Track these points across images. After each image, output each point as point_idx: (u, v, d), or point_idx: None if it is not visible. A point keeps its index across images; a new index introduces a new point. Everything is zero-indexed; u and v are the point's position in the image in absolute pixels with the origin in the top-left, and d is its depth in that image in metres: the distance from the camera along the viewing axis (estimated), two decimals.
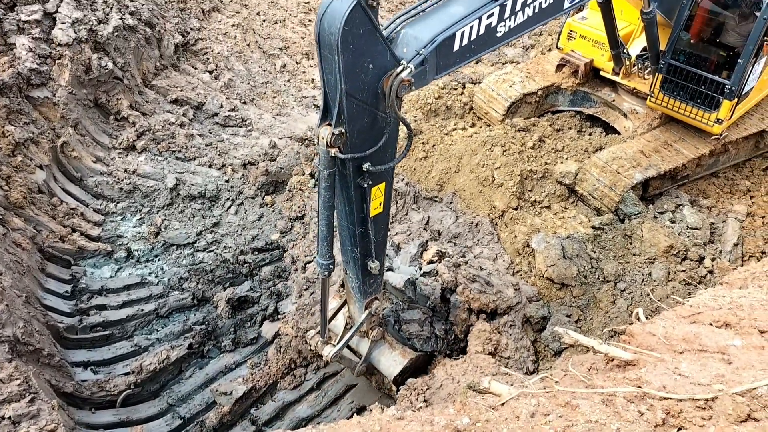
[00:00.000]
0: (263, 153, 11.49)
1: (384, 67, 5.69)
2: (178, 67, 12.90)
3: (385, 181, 6.65)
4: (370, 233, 6.86)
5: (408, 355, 7.79)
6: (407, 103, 12.22)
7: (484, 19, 6.45)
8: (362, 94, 5.72)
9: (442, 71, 6.31)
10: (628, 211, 9.40)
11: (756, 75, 9.35)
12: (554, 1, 7.33)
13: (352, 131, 5.86)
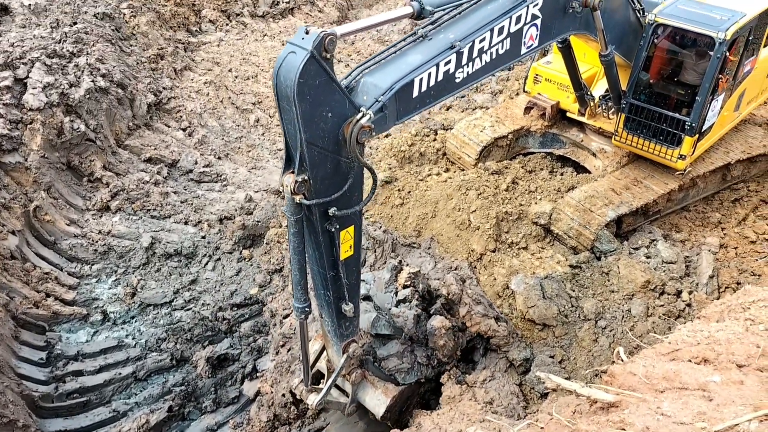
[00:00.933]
0: (239, 207, 11.47)
1: (343, 115, 5.89)
2: (151, 126, 12.95)
3: (354, 224, 6.71)
4: (342, 276, 6.87)
5: (391, 393, 7.71)
6: (381, 151, 12.35)
7: (441, 66, 6.69)
8: (323, 142, 5.88)
9: (402, 117, 6.54)
10: (604, 249, 9.50)
11: (716, 111, 9.64)
12: (511, 48, 7.62)
13: (316, 178, 5.99)
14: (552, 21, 8.26)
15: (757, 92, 10.84)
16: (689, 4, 9.51)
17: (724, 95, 9.59)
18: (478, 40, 7.10)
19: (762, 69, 10.47)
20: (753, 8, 9.23)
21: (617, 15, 9.23)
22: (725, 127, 10.41)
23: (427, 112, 14.82)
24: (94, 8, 13.74)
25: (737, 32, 8.83)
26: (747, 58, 9.73)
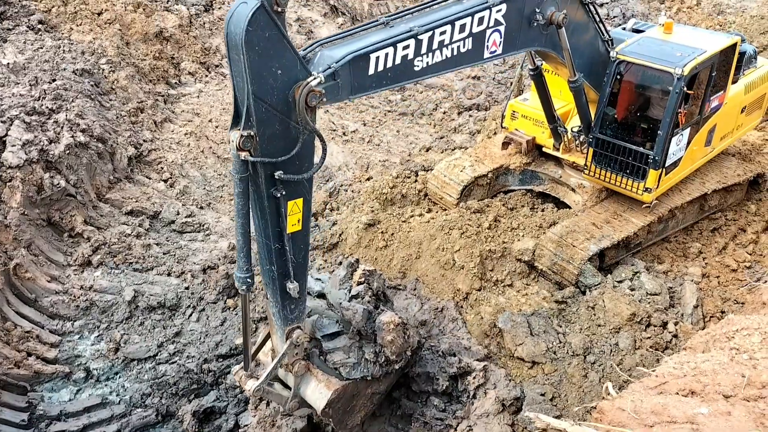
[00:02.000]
0: (223, 256, 11.42)
1: (294, 77, 6.04)
2: (132, 178, 12.95)
3: (303, 197, 6.70)
4: (287, 251, 6.71)
5: (333, 386, 7.48)
6: (363, 194, 12.41)
7: (399, 49, 6.96)
8: (271, 99, 5.96)
9: (357, 92, 6.78)
10: (588, 283, 9.54)
11: (682, 145, 9.87)
12: (473, 50, 7.92)
13: (263, 136, 6.06)
14: (517, 31, 8.49)
15: (732, 127, 11.10)
16: (652, 41, 9.87)
17: (689, 130, 9.82)
18: (439, 32, 7.34)
19: (734, 105, 10.77)
20: (713, 46, 9.58)
21: (585, 42, 9.56)
22: (696, 162, 10.64)
23: (407, 154, 15.00)
24: (73, 65, 13.85)
25: (695, 68, 9.13)
26: (713, 93, 9.99)
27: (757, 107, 11.58)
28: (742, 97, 10.90)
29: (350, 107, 17.34)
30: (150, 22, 16.99)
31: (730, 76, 10.24)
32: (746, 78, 10.99)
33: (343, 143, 15.45)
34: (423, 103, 17.59)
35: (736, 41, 9.96)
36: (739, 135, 11.57)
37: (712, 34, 10.45)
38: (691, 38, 9.88)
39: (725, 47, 9.74)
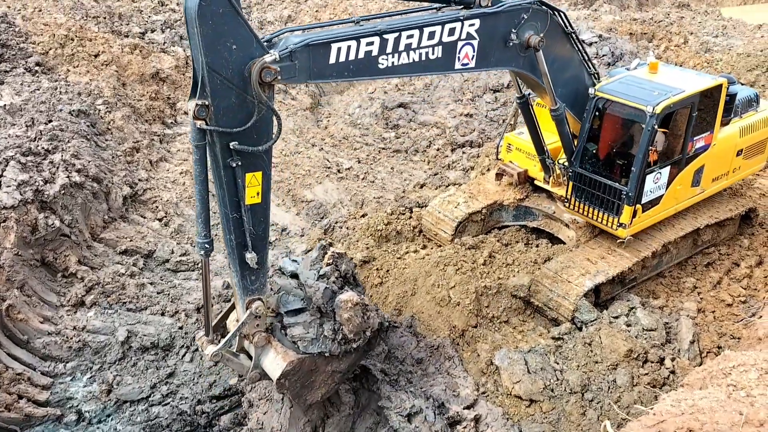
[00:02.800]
0: (217, 294, 11.36)
1: (250, 54, 6.48)
2: (127, 218, 12.94)
3: (262, 170, 7.06)
4: (245, 221, 7.07)
5: (289, 358, 7.73)
6: (358, 231, 12.43)
7: (363, 45, 7.41)
8: (226, 72, 6.40)
9: (316, 77, 7.24)
10: (584, 319, 9.51)
11: (661, 183, 10.01)
12: (443, 58, 8.31)
13: (218, 107, 6.49)
14: (491, 48, 8.81)
15: (726, 170, 11.08)
16: (634, 80, 10.11)
17: (669, 168, 9.97)
18: (406, 35, 7.78)
19: (726, 146, 10.79)
20: (694, 86, 9.78)
21: (570, 72, 9.89)
22: (683, 202, 10.66)
23: (401, 190, 15.08)
24: (69, 106, 13.97)
25: (669, 107, 9.35)
26: (697, 134, 10.10)
27: (758, 151, 11.55)
28: (736, 139, 10.89)
29: (344, 145, 17.49)
30: (146, 63, 17.22)
31: (717, 117, 10.33)
32: (743, 121, 11.02)
33: (337, 180, 15.53)
34: (417, 140, 17.74)
35: (721, 83, 10.10)
36: (737, 179, 11.56)
37: (699, 75, 10.62)
38: (675, 78, 10.08)
39: (707, 88, 9.89)
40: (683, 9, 27.39)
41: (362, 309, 8.18)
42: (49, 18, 17.51)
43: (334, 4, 25.23)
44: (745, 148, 11.16)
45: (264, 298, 7.71)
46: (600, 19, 24.25)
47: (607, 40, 20.03)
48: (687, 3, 28.71)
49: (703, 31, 23.32)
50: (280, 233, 13.54)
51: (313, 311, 8.08)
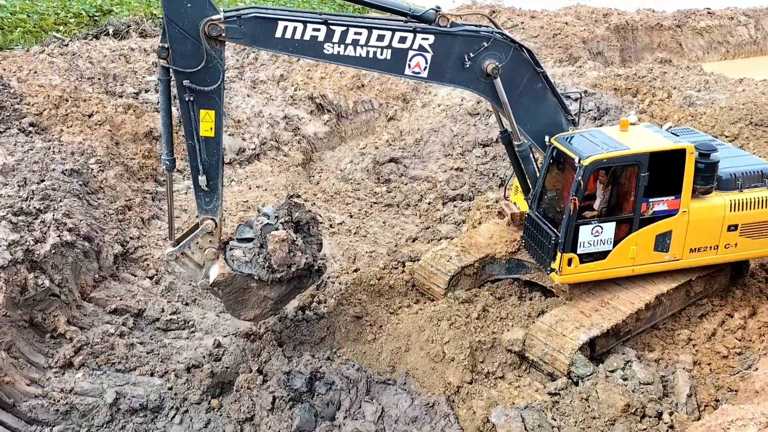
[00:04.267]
0: (208, 354, 11.20)
1: (203, 13, 8.40)
2: (117, 276, 12.85)
3: (214, 109, 8.99)
4: (198, 149, 9.12)
5: (224, 270, 9.84)
6: (351, 286, 12.38)
7: (309, 29, 8.92)
8: (182, 24, 8.37)
9: (260, 44, 8.98)
10: (580, 373, 9.40)
11: (605, 238, 10.11)
12: (392, 61, 9.47)
13: (175, 51, 8.53)
14: (445, 65, 9.70)
15: (712, 243, 10.53)
16: (597, 135, 10.38)
17: (615, 225, 10.05)
18: (353, 31, 9.11)
19: (707, 218, 10.36)
20: (642, 146, 9.90)
21: (542, 111, 10.50)
22: (647, 264, 10.48)
23: (394, 245, 15.10)
24: (62, 165, 14.04)
25: (599, 161, 9.58)
26: (654, 195, 10.04)
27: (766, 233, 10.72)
28: (724, 212, 10.41)
29: (336, 200, 17.59)
30: (140, 122, 17.42)
31: (684, 183, 10.02)
32: (741, 194, 10.46)
33: (329, 235, 15.54)
34: (408, 194, 17.88)
35: (683, 148, 9.89)
36: (739, 257, 10.89)
37: (666, 138, 10.41)
38: (635, 137, 10.23)
39: (658, 150, 9.84)
40: (666, 65, 28.16)
41: (288, 246, 9.86)
42: (44, 79, 17.79)
43: (325, 65, 25.78)
44: (744, 225, 10.50)
45: (216, 219, 9.75)
46: (585, 75, 24.88)
47: (593, 95, 20.49)
48: (669, 59, 29.54)
49: (686, 86, 23.91)
50: None
51: (256, 242, 9.94)
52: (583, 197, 9.77)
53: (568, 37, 32.30)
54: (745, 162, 10.83)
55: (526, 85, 10.14)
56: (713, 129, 15.96)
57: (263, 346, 11.34)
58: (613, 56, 34.86)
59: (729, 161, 10.79)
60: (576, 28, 33.83)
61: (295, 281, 10.32)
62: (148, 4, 34.89)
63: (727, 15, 42.04)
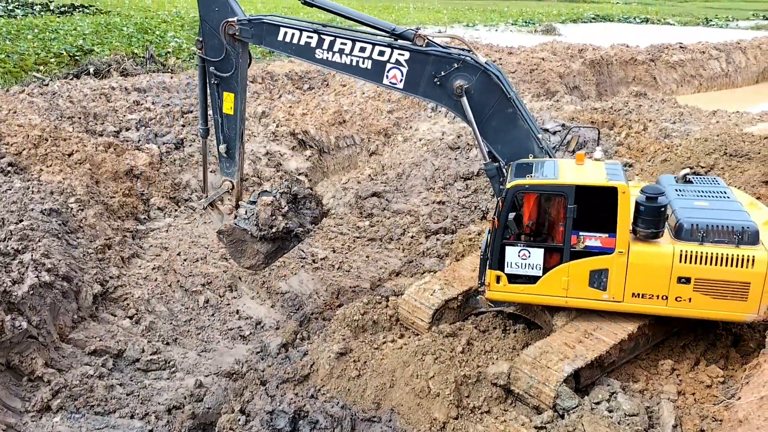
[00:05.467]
0: (189, 394, 11.01)
1: (225, 14, 10.97)
2: (96, 316, 12.66)
3: (233, 92, 11.51)
4: (221, 123, 11.82)
5: (227, 222, 12.39)
6: (335, 322, 12.29)
7: (304, 36, 10.82)
8: (211, 23, 11.11)
9: (267, 45, 11.18)
10: (566, 405, 9.35)
11: (533, 263, 10.17)
12: (372, 72, 10.76)
13: (207, 44, 11.33)
14: (419, 80, 10.73)
15: (659, 293, 9.92)
16: (548, 162, 10.46)
17: (544, 252, 10.13)
18: (340, 41, 10.69)
19: (650, 264, 9.88)
20: (571, 178, 9.89)
21: (512, 135, 10.86)
22: (583, 300, 10.30)
23: (377, 279, 15.07)
24: (41, 205, 13.93)
25: (520, 186, 9.86)
26: (584, 229, 9.92)
27: (732, 295, 9.63)
28: (672, 262, 9.71)
29: (319, 235, 17.58)
30: (121, 161, 17.39)
31: (619, 222, 9.72)
32: (696, 247, 9.63)
33: (313, 271, 15.48)
34: (391, 228, 17.91)
35: (612, 186, 9.60)
36: (694, 314, 9.99)
37: (604, 174, 10.02)
38: (580, 170, 10.18)
39: (585, 184, 9.72)
40: (641, 98, 28.76)
41: (272, 209, 12.04)
42: (24, 119, 17.74)
43: (307, 101, 26.04)
44: (698, 280, 9.67)
45: (234, 181, 12.34)
46: (562, 109, 25.34)
47: (571, 129, 20.81)
48: (644, 92, 30.18)
49: (661, 118, 24.40)
50: (255, 327, 13.32)
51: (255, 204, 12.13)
52: (506, 219, 9.96)
53: (545, 72, 32.97)
54: (724, 216, 9.82)
55: (496, 108, 10.67)
56: (689, 160, 16.25)
57: (246, 385, 11.18)
58: (589, 90, 35.61)
59: (704, 212, 10.01)
60: (552, 64, 34.57)
61: (279, 242, 12.30)
62: (129, 43, 35.22)
63: (699, 49, 43.26)
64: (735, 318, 9.90)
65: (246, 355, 12.29)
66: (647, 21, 74.59)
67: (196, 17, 49.01)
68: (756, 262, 9.36)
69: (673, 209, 10.25)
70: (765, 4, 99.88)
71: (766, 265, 9.32)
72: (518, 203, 10.17)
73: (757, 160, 15.44)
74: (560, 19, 69.77)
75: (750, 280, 9.42)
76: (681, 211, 10.12)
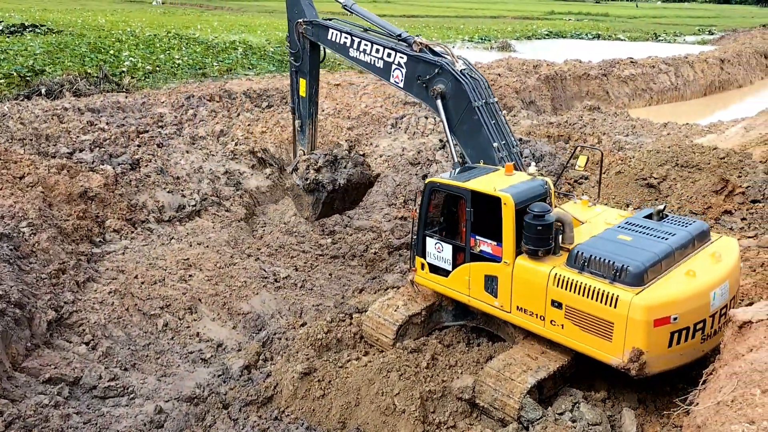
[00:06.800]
0: (149, 421, 10.72)
1: (298, 16, 14.36)
2: (51, 343, 12.25)
3: (304, 78, 15.00)
4: (297, 103, 15.45)
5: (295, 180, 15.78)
6: (298, 341, 12.17)
7: (342, 37, 13.65)
8: (291, 22, 14.57)
9: (322, 42, 14.39)
10: (530, 417, 9.40)
11: (444, 256, 10.98)
12: (383, 70, 13.00)
13: (291, 40, 14.89)
14: (413, 81, 12.52)
15: (537, 311, 9.83)
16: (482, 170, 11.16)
17: (452, 248, 10.84)
18: (364, 42, 13.21)
19: (528, 280, 9.80)
20: (473, 184, 10.35)
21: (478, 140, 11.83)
22: (483, 303, 10.62)
23: (340, 297, 14.99)
24: None
25: (434, 184, 10.88)
26: (479, 233, 10.33)
27: (595, 330, 9.09)
28: (547, 282, 9.49)
29: (281, 254, 17.44)
30: (74, 183, 16.96)
31: (503, 232, 9.88)
32: (573, 274, 9.27)
33: (275, 290, 15.32)
34: (353, 245, 17.87)
35: (497, 196, 9.82)
36: (565, 342, 9.64)
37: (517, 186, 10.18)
38: (497, 179, 10.51)
39: (477, 190, 10.10)
40: (594, 112, 29.48)
41: (308, 165, 15.62)
42: None
43: (266, 118, 25.91)
44: (568, 308, 9.36)
45: (305, 149, 15.92)
46: (519, 124, 25.79)
47: (527, 143, 21.18)
48: (597, 106, 30.94)
49: (614, 131, 25.03)
50: (216, 349, 13.07)
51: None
52: (421, 212, 11.14)
53: (501, 87, 33.52)
54: (617, 251, 9.17)
55: (465, 114, 11.79)
56: (642, 171, 16.66)
57: (207, 410, 10.95)
58: (544, 105, 36.31)
59: (605, 244, 9.47)
60: (509, 79, 35.18)
61: (317, 193, 15.51)
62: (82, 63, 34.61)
63: (649, 64, 44.59)
64: (601, 357, 9.15)
65: (207, 378, 12.04)
66: (599, 37, 76.68)
67: (150, 36, 48.52)
68: (619, 303, 8.62)
69: (592, 236, 9.96)
70: (710, 20, 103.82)
71: (628, 308, 8.53)
72: (433, 199, 10.99)
73: (707, 171, 15.92)
74: (515, 35, 71.16)
75: (613, 321, 8.76)
76: (586, 239, 9.77)
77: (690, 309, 8.69)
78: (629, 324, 8.56)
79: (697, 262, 9.34)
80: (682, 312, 8.60)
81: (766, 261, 12.38)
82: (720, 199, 15.12)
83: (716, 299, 8.95)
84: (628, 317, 8.55)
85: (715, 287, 8.93)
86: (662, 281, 8.89)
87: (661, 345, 8.63)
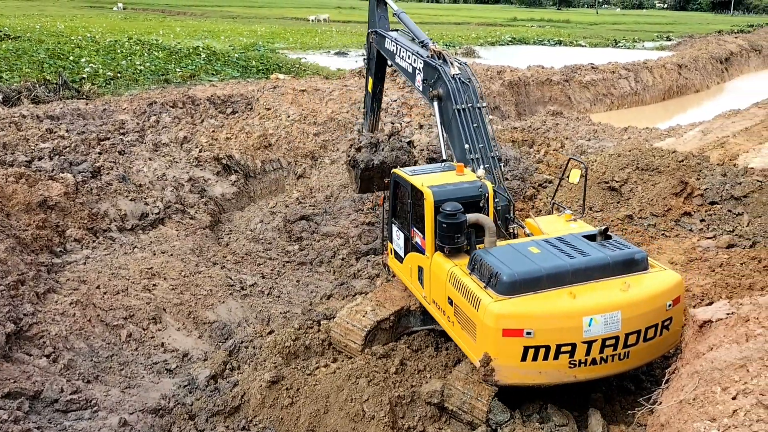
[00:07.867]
0: None
1: (371, 26, 16.87)
2: (10, 357, 11.87)
3: (371, 77, 17.42)
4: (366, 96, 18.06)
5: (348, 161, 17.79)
6: (265, 349, 12.05)
7: (391, 44, 15.27)
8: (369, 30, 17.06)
9: (382, 50, 16.00)
10: (499, 420, 9.46)
11: (400, 244, 11.67)
12: (412, 75, 14.07)
13: (367, 45, 17.54)
14: (426, 83, 13.36)
15: (442, 307, 10.05)
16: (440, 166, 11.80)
17: (403, 235, 11.49)
18: (403, 49, 14.56)
19: (436, 275, 10.07)
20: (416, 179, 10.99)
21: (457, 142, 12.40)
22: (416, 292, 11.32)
23: (308, 303, 14.90)
24: None
25: (395, 175, 11.70)
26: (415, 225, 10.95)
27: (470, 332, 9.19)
28: (446, 279, 9.73)
29: (247, 261, 17.28)
30: (33, 192, 16.56)
31: (426, 227, 10.27)
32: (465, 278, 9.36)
33: (241, 298, 15.15)
34: (321, 252, 17.80)
35: (421, 189, 10.41)
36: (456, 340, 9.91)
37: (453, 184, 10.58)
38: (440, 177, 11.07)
39: (413, 185, 10.86)
40: (557, 116, 29.92)
41: (351, 145, 18.04)
42: None
43: (231, 125, 25.68)
44: (456, 306, 9.54)
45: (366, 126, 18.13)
46: None
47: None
48: (560, 111, 31.42)
49: (577, 136, 25.44)
50: (181, 359, 12.86)
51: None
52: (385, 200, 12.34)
53: None
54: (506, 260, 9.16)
55: (452, 117, 12.44)
56: (604, 175, 16.95)
57: (173, 421, 10.76)
58: (509, 110, 36.76)
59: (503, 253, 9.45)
60: None
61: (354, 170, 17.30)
62: (40, 69, 33.88)
63: (609, 69, 45.50)
64: (471, 357, 9.33)
65: (173, 389, 11.83)
66: (560, 43, 78.00)
67: (111, 42, 47.71)
68: (480, 306, 8.76)
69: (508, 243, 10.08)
70: (667, 26, 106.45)
71: (484, 313, 8.66)
72: (397, 190, 11.68)
73: (667, 173, 16.28)
74: (479, 42, 71.96)
75: (476, 323, 8.93)
76: (496, 247, 9.79)
77: (550, 328, 8.52)
78: (482, 328, 8.80)
79: (598, 287, 8.95)
80: (537, 328, 8.46)
81: (725, 261, 12.71)
82: (680, 201, 15.47)
83: (595, 326, 8.53)
84: (482, 321, 8.73)
85: (593, 314, 8.52)
86: (533, 296, 8.72)
87: (512, 356, 8.63)
